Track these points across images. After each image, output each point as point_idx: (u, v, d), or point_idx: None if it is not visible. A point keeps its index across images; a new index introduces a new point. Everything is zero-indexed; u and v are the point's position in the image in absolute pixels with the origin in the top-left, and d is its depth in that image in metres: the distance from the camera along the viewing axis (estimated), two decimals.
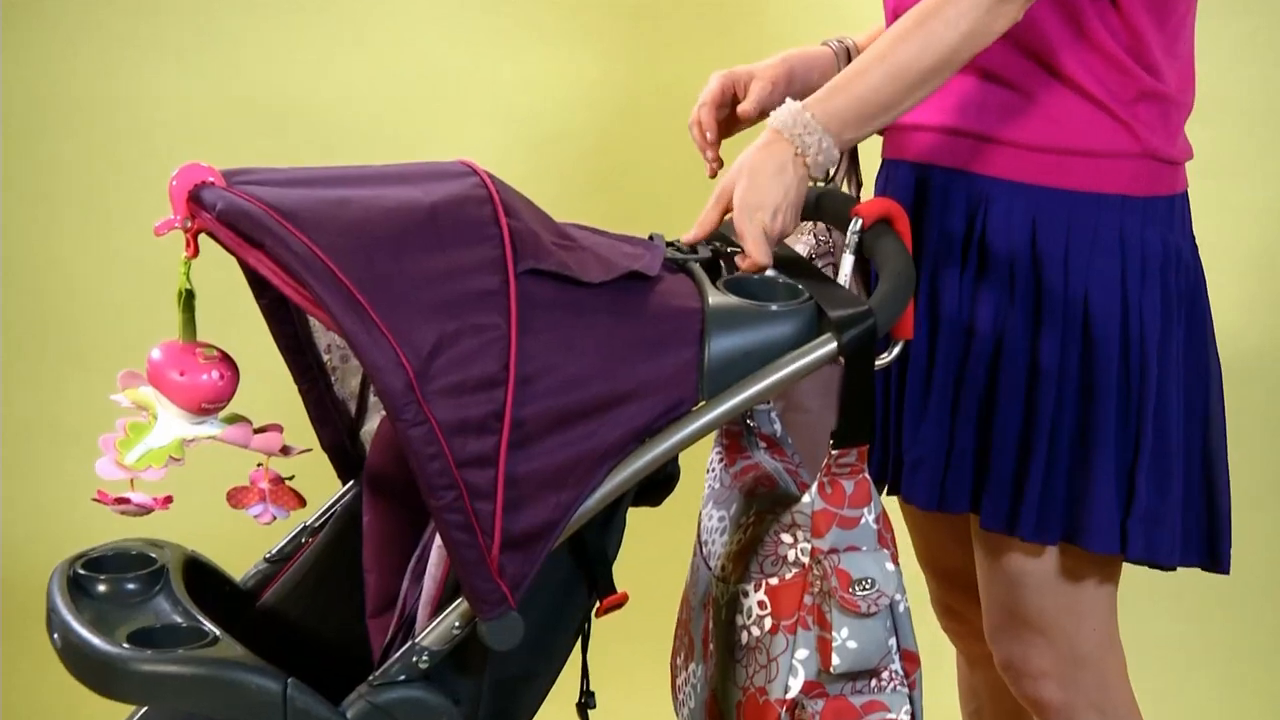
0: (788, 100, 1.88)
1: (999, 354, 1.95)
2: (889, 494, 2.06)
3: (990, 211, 1.97)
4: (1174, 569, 1.98)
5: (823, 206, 1.93)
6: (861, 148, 2.08)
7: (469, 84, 3.31)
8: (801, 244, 2.10)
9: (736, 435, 2.02)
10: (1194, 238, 2.03)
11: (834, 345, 1.71)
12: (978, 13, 1.84)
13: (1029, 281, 1.95)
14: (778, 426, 2.04)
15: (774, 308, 1.74)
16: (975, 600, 2.15)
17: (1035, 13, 1.90)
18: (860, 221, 1.81)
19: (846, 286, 1.81)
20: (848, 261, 1.82)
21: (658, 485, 1.84)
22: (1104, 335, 1.93)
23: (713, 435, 2.00)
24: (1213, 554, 2.02)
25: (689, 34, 3.25)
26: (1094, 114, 1.95)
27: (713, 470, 2.03)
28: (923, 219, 2.02)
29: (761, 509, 1.89)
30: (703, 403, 1.70)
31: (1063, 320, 1.93)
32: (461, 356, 1.61)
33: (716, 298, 1.74)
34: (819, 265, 2.05)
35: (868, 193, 2.13)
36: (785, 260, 1.87)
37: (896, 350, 1.78)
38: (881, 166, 2.13)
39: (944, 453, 1.98)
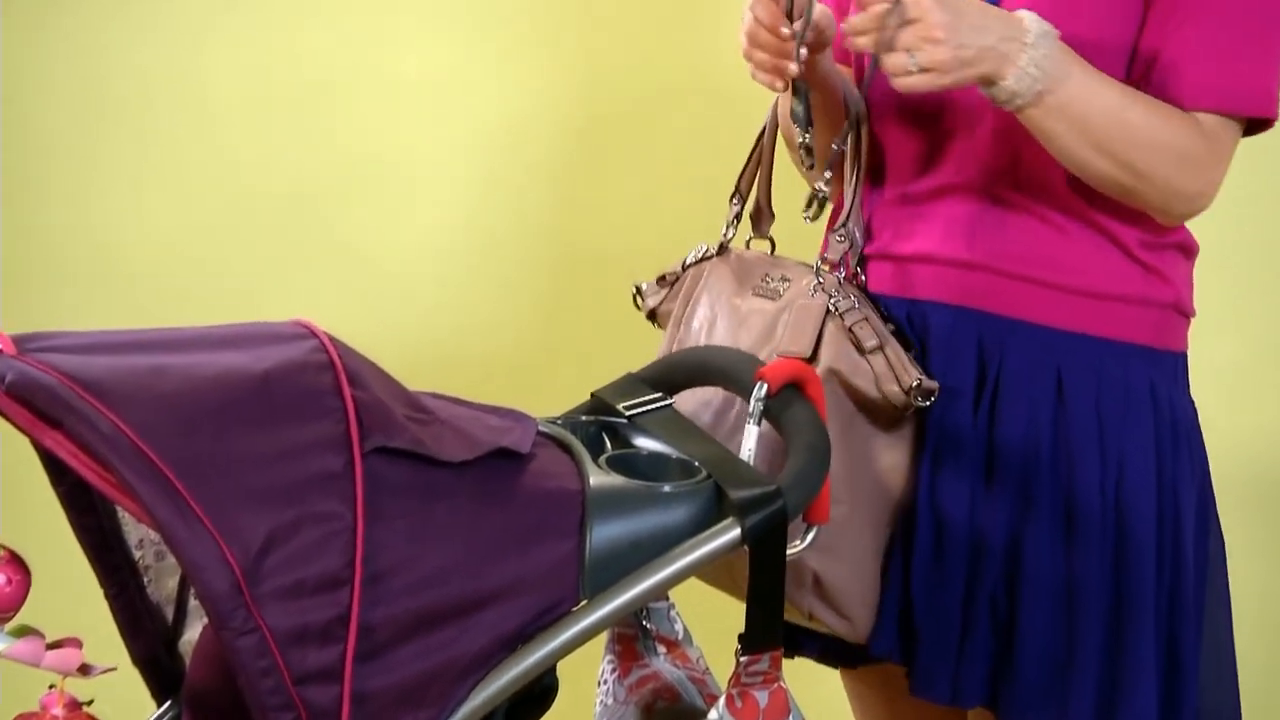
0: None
1: (1020, 546, 1.94)
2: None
3: (1007, 359, 1.96)
4: None
5: (720, 369, 1.90)
6: None
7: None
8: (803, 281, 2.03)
9: (631, 639, 1.97)
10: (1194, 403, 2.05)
11: (737, 532, 1.66)
12: (1151, 185, 1.89)
13: (1055, 446, 1.94)
14: (679, 626, 1.99)
15: (666, 489, 1.69)
16: None
17: None
18: (765, 386, 1.76)
19: (750, 461, 1.77)
20: (751, 434, 1.77)
21: (533, 700, 1.77)
22: (1140, 515, 1.94)
23: (603, 640, 1.98)
24: None
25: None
26: (1126, 256, 1.97)
27: (605, 682, 1.98)
28: (921, 364, 1.98)
29: None
30: (584, 602, 1.65)
31: (1099, 499, 1.93)
32: (298, 552, 1.55)
33: (599, 478, 1.69)
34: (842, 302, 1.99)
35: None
36: (677, 430, 1.84)
37: (811, 537, 1.74)
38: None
39: (957, 643, 1.96)
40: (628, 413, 1.86)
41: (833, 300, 1.97)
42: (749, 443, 1.77)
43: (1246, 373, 2.96)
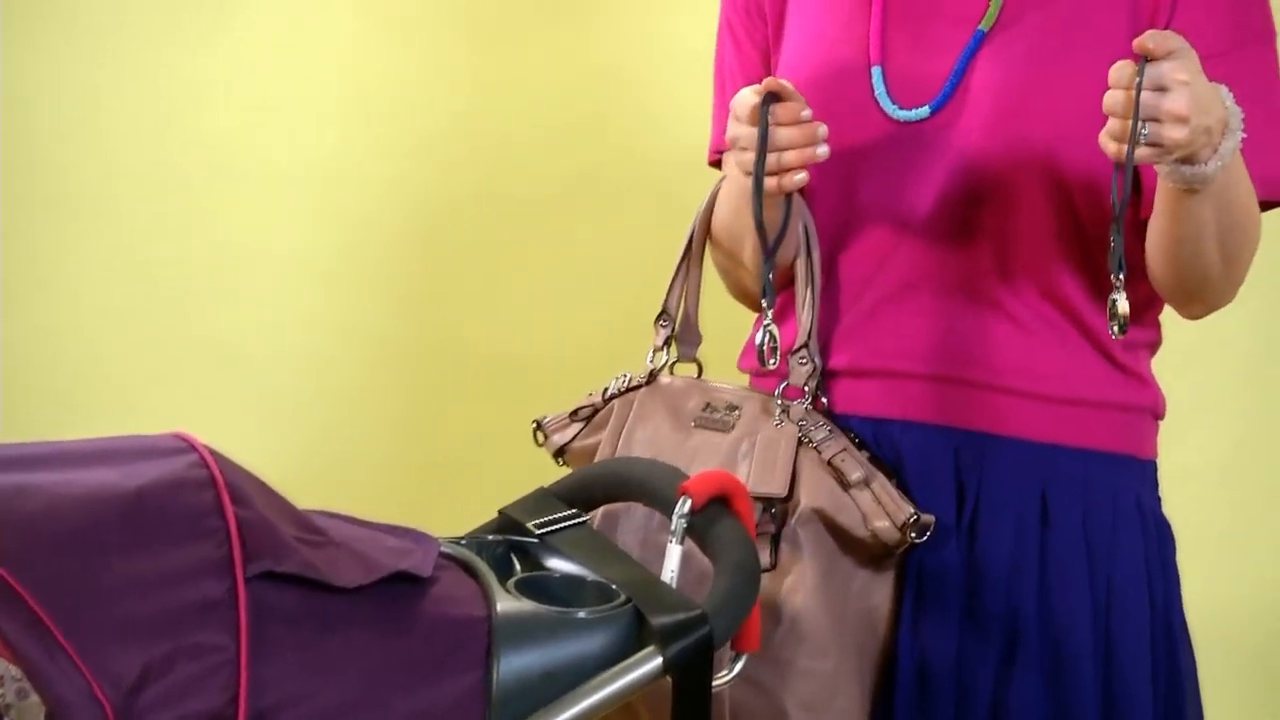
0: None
1: (1008, 682, 1.89)
2: None
3: (986, 478, 1.89)
4: None
5: (639, 482, 1.85)
6: None
7: None
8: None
9: None
10: None
11: (658, 661, 1.63)
12: (1228, 273, 1.85)
13: (1042, 572, 1.88)
14: None
15: (581, 614, 1.66)
16: None
17: (1054, 248, 1.88)
18: (689, 502, 1.73)
19: (673, 584, 1.73)
20: (674, 553, 1.72)
21: None
22: (1132, 642, 1.90)
23: None
24: None
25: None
26: (1104, 358, 1.90)
27: None
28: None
29: None
30: None
31: (1090, 627, 1.89)
32: (176, 687, 1.51)
33: (507, 603, 1.66)
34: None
35: None
36: (593, 550, 1.80)
37: (739, 667, 1.70)
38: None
39: None
40: (538, 531, 1.81)
41: (803, 430, 1.88)
42: (671, 563, 1.72)
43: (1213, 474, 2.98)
